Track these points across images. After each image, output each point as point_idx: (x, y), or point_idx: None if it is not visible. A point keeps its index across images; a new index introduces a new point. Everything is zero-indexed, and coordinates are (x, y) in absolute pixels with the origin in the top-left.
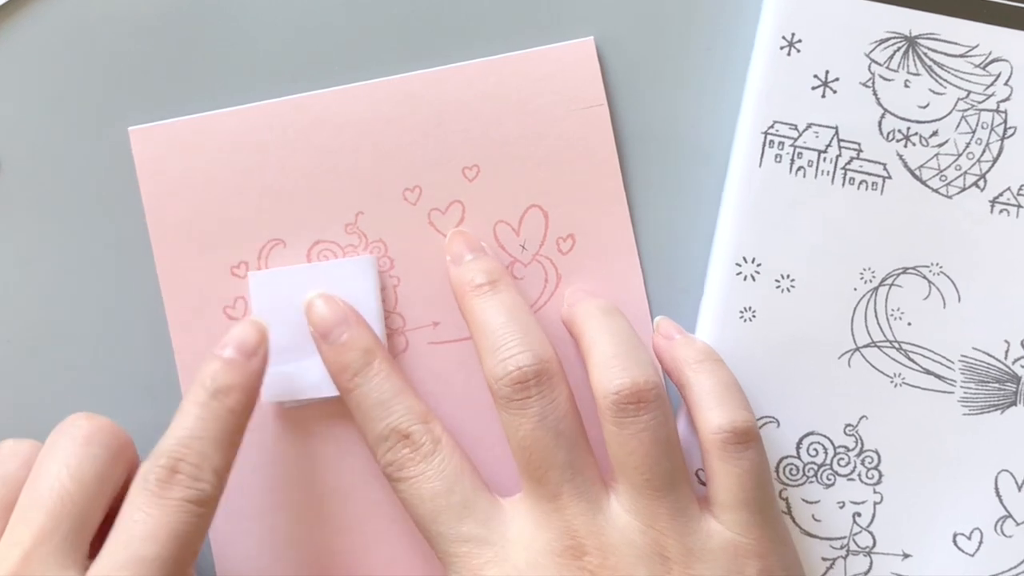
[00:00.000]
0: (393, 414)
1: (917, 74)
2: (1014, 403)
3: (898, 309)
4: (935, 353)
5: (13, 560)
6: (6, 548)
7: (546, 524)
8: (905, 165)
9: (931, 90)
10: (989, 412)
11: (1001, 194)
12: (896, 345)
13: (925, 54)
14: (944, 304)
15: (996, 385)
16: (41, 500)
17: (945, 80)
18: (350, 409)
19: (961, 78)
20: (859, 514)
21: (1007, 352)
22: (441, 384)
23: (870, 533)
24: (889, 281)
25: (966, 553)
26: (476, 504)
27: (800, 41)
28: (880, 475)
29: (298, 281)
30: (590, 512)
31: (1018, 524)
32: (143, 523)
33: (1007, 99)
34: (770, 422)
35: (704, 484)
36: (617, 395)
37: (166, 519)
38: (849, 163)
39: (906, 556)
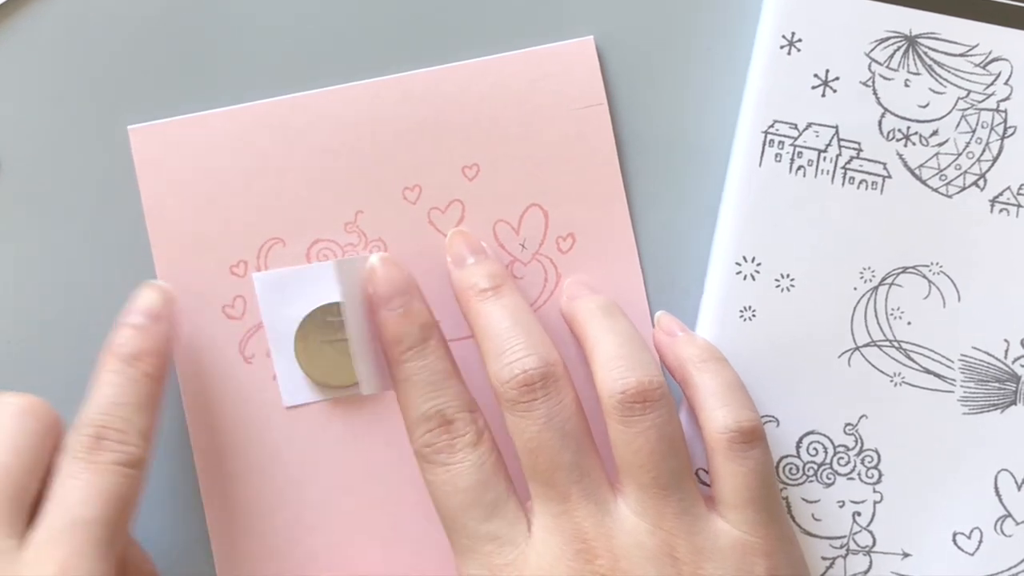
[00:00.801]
0: (441, 397)
1: (917, 73)
2: (1014, 402)
3: (898, 308)
4: (935, 352)
5: None
6: None
7: (556, 528)
8: (905, 164)
9: (931, 89)
10: (989, 411)
11: (1001, 193)
12: (896, 344)
13: (925, 53)
14: (944, 303)
15: (996, 384)
16: None
17: (945, 79)
18: (395, 381)
19: (961, 77)
20: (859, 513)
21: (1007, 351)
22: None
23: (870, 532)
24: (889, 280)
25: (966, 552)
26: (507, 505)
27: (800, 40)
28: (880, 474)
29: (300, 282)
30: (599, 514)
31: (1018, 523)
32: (78, 488)
33: (1007, 98)
34: (770, 421)
35: (706, 484)
36: (623, 394)
37: (99, 482)
38: (849, 162)
39: (906, 555)
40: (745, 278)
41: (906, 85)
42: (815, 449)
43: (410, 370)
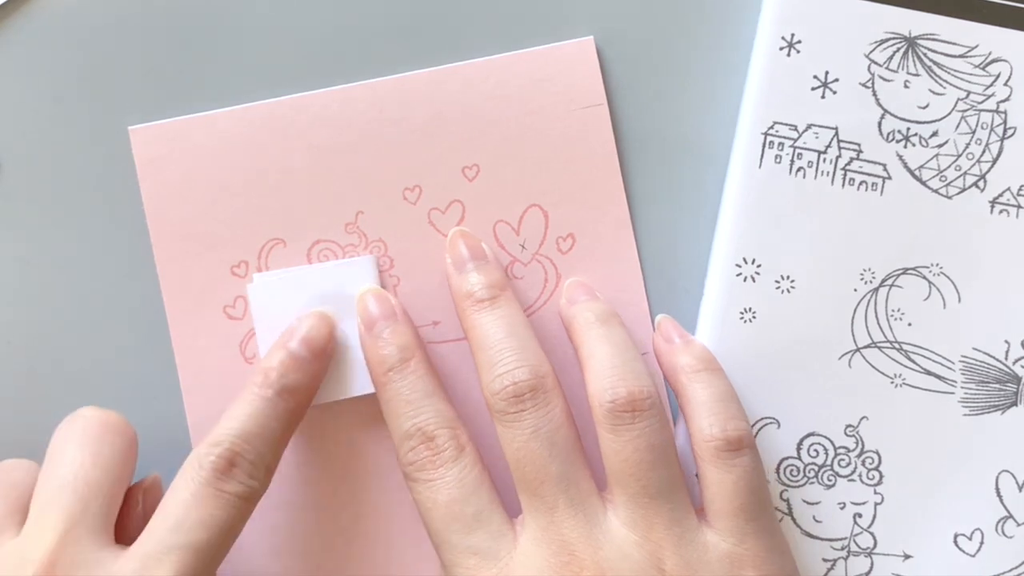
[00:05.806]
0: (421, 415)
1: (917, 74)
2: (1015, 403)
3: (898, 310)
4: (935, 354)
5: (48, 543)
6: (39, 532)
7: (543, 540)
8: (905, 166)
9: (931, 90)
10: (990, 412)
11: (1001, 194)
12: (896, 346)
13: (925, 54)
14: (944, 305)
15: (996, 386)
16: (66, 484)
17: (945, 80)
18: (381, 403)
19: (961, 78)
20: (860, 515)
21: (1007, 352)
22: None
23: (871, 534)
24: (889, 282)
25: (967, 554)
26: (490, 518)
27: (800, 42)
28: (881, 476)
29: (299, 284)
30: (587, 525)
31: (1019, 525)
32: (196, 511)
33: (1007, 99)
34: (771, 423)
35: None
36: (613, 403)
37: (218, 510)
38: (849, 164)
39: (907, 557)
40: (745, 280)
41: (906, 86)
42: (816, 451)
43: (391, 391)
